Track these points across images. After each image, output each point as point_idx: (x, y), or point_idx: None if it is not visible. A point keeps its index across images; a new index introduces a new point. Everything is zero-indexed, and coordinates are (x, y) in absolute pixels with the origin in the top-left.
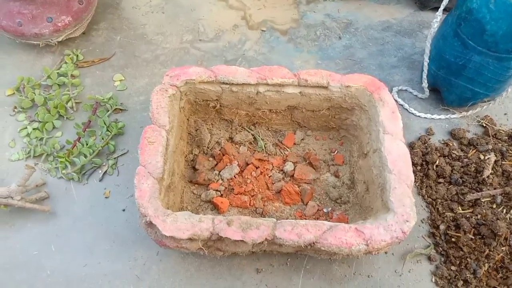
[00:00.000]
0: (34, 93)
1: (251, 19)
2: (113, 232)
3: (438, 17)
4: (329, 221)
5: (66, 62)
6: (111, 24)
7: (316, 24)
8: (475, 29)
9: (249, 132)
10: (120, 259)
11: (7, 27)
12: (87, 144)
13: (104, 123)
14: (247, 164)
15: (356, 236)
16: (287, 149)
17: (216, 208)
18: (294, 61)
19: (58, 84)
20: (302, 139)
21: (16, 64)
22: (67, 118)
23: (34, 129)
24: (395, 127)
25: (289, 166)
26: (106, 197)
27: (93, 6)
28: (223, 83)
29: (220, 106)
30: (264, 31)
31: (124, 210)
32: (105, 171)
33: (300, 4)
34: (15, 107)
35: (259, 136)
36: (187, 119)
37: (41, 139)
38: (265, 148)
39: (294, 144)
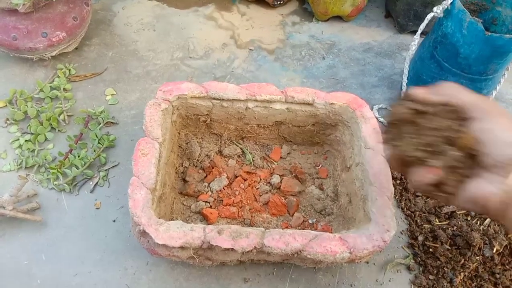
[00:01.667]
0: (26, 105)
1: (240, 38)
2: (104, 242)
3: (415, 41)
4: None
5: (58, 76)
6: (103, 40)
7: (301, 44)
8: (450, 52)
9: (237, 146)
10: (110, 269)
11: (1, 41)
12: (78, 156)
13: (96, 136)
14: (236, 177)
15: (340, 244)
16: (274, 162)
17: (205, 219)
18: (280, 79)
19: (51, 97)
20: (288, 153)
21: (8, 77)
22: (59, 130)
23: (26, 140)
24: (376, 142)
25: (276, 179)
26: (97, 208)
27: (86, 23)
28: (214, 98)
29: (211, 120)
30: (252, 50)
31: (114, 220)
32: (96, 183)
33: (286, 26)
34: (7, 119)
35: (247, 150)
36: (178, 133)
37: (33, 150)
38: (253, 161)
39: (281, 158)
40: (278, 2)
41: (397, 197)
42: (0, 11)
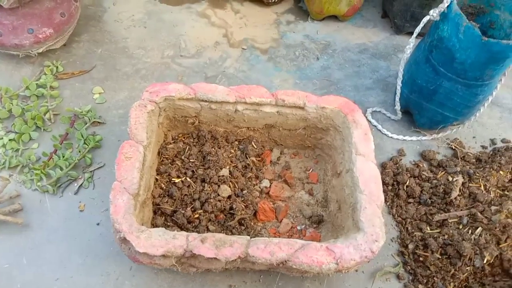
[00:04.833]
0: (11, 103)
1: (233, 37)
2: (87, 246)
3: (411, 44)
4: (302, 238)
5: (45, 74)
6: (92, 36)
7: (296, 44)
8: (446, 57)
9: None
10: (93, 274)
11: None
12: (63, 157)
13: (82, 136)
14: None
15: (327, 255)
16: (264, 166)
17: None
18: (273, 79)
19: (37, 95)
20: (278, 157)
21: None
22: (44, 129)
23: (10, 140)
24: (367, 148)
25: (265, 183)
26: (81, 210)
27: (75, 19)
28: (202, 100)
29: (199, 122)
30: (245, 49)
31: (98, 224)
32: (81, 184)
33: (281, 24)
34: None
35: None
36: (165, 135)
37: (17, 150)
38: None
39: (271, 161)
40: (273, 0)
41: (388, 204)
42: None
